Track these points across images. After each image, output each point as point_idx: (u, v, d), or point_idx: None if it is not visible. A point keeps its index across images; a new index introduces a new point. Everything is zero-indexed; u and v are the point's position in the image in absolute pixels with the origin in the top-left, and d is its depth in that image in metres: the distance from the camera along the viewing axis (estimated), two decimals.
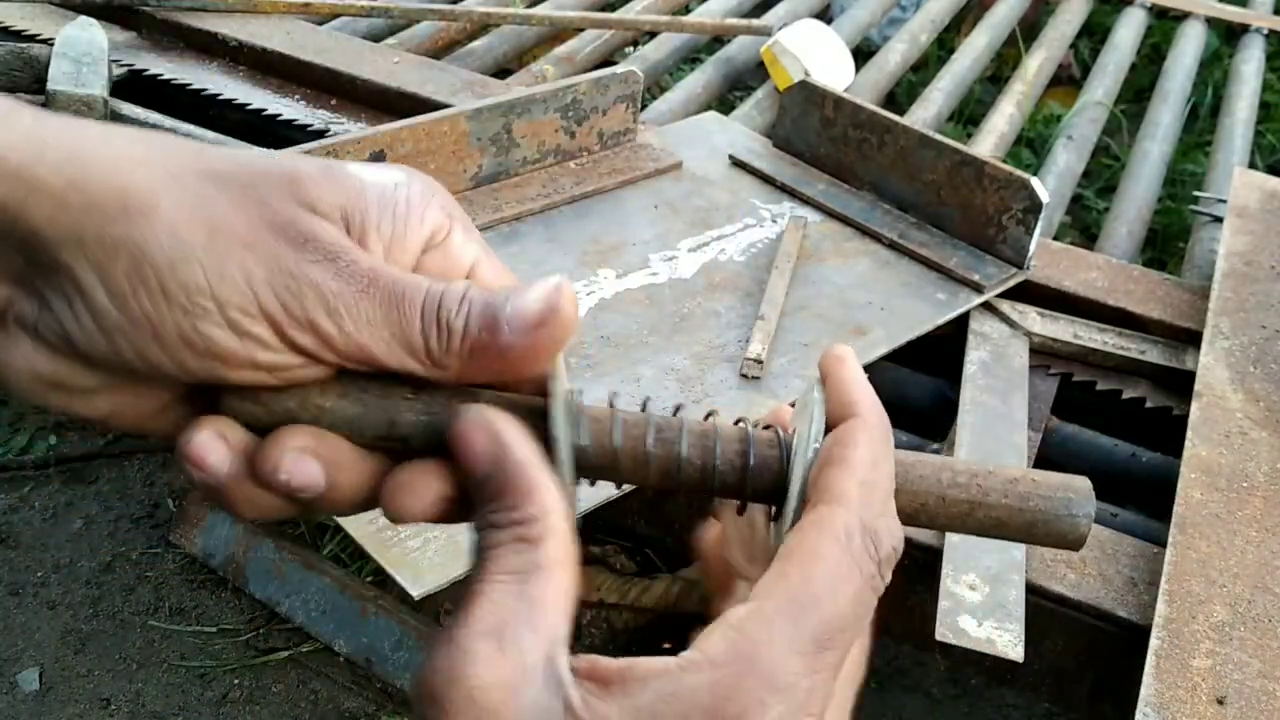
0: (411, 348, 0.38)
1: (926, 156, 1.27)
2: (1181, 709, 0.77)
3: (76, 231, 0.36)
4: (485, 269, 0.43)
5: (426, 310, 0.38)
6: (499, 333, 0.38)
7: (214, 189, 0.37)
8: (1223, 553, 0.88)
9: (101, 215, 0.36)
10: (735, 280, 1.18)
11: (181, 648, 1.62)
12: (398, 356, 0.38)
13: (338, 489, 0.39)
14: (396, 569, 0.83)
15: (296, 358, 0.38)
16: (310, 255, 0.37)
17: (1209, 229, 1.48)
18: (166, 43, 1.56)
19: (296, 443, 0.38)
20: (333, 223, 0.39)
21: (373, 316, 0.38)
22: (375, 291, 0.38)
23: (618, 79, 1.32)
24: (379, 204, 0.40)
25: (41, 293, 0.37)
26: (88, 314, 0.37)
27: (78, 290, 0.36)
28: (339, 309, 0.37)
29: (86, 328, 0.37)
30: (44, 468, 1.86)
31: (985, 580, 0.88)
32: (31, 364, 0.38)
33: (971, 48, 1.97)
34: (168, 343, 0.37)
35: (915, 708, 1.61)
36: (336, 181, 0.39)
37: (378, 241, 0.40)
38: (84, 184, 0.36)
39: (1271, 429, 1.01)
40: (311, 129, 1.39)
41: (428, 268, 0.41)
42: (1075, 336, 1.17)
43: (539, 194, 1.26)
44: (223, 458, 0.38)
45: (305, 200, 0.38)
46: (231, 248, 0.36)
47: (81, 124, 0.38)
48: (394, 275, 0.38)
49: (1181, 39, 2.14)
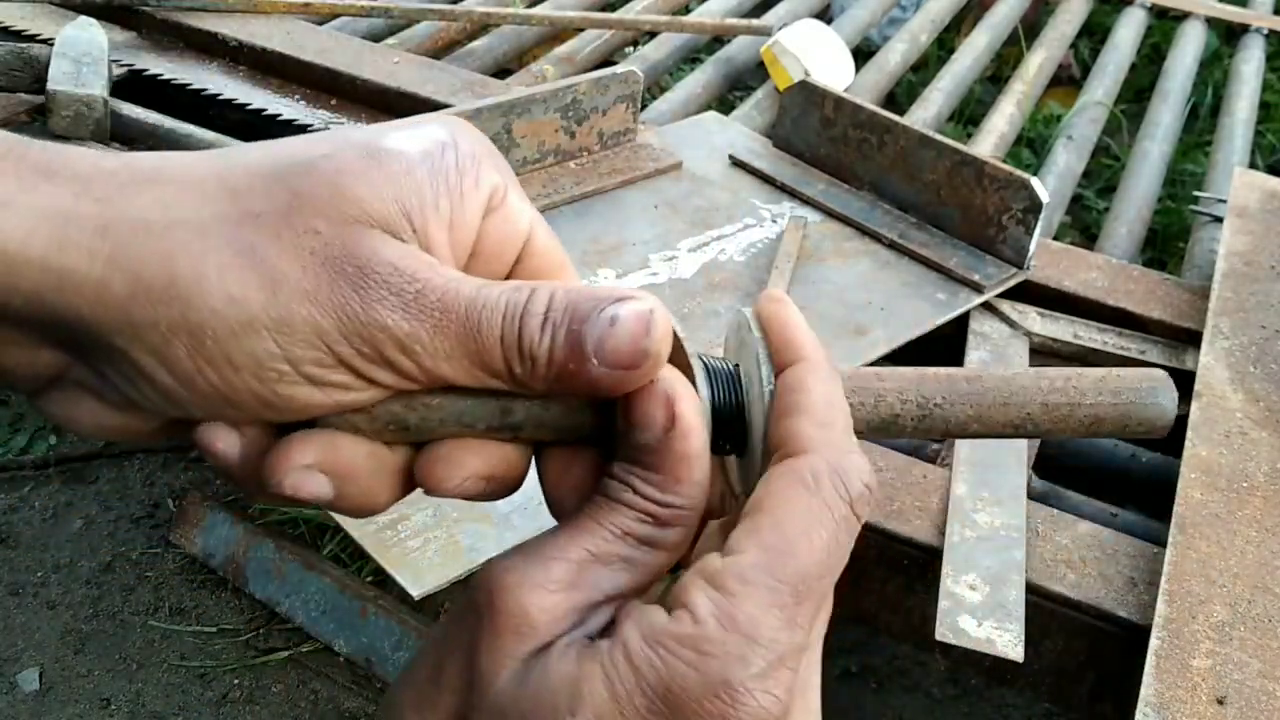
0: (495, 373, 0.37)
1: (926, 156, 1.27)
2: (1181, 709, 0.77)
3: (124, 318, 0.34)
4: (541, 235, 0.41)
5: (507, 338, 0.36)
6: (586, 364, 0.36)
7: (257, 234, 0.35)
8: (1223, 553, 0.88)
9: (149, 297, 0.34)
10: (735, 280, 1.18)
11: (181, 648, 1.62)
12: (482, 380, 0.37)
13: (349, 496, 0.38)
14: (396, 569, 0.83)
15: (380, 391, 0.37)
16: (374, 294, 0.35)
17: (1209, 229, 1.48)
18: (166, 43, 1.56)
19: (304, 459, 0.37)
20: (389, 227, 0.36)
21: (451, 350, 0.36)
22: (449, 324, 0.36)
23: (618, 79, 1.32)
24: (431, 181, 0.38)
25: (100, 367, 0.36)
26: (154, 392, 0.36)
27: (138, 373, 0.35)
28: (414, 348, 0.36)
29: (154, 401, 0.36)
30: (44, 468, 1.86)
31: (985, 580, 0.88)
32: (97, 419, 0.38)
33: (971, 48, 1.97)
34: (245, 407, 0.36)
35: (915, 708, 1.61)
36: (382, 170, 0.37)
37: (439, 226, 0.38)
38: (122, 263, 0.34)
39: (1271, 429, 1.01)
40: (311, 129, 1.39)
41: (490, 235, 0.40)
42: (1075, 336, 1.17)
43: (539, 194, 1.26)
44: (232, 445, 0.37)
45: (354, 211, 0.36)
46: (293, 303, 0.35)
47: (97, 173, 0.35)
48: (467, 298, 0.36)
49: (1181, 39, 2.14)
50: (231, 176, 0.36)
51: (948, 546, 0.90)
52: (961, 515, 0.93)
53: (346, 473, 0.38)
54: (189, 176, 0.36)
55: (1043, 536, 0.92)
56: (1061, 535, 0.93)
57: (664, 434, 0.37)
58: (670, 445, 0.37)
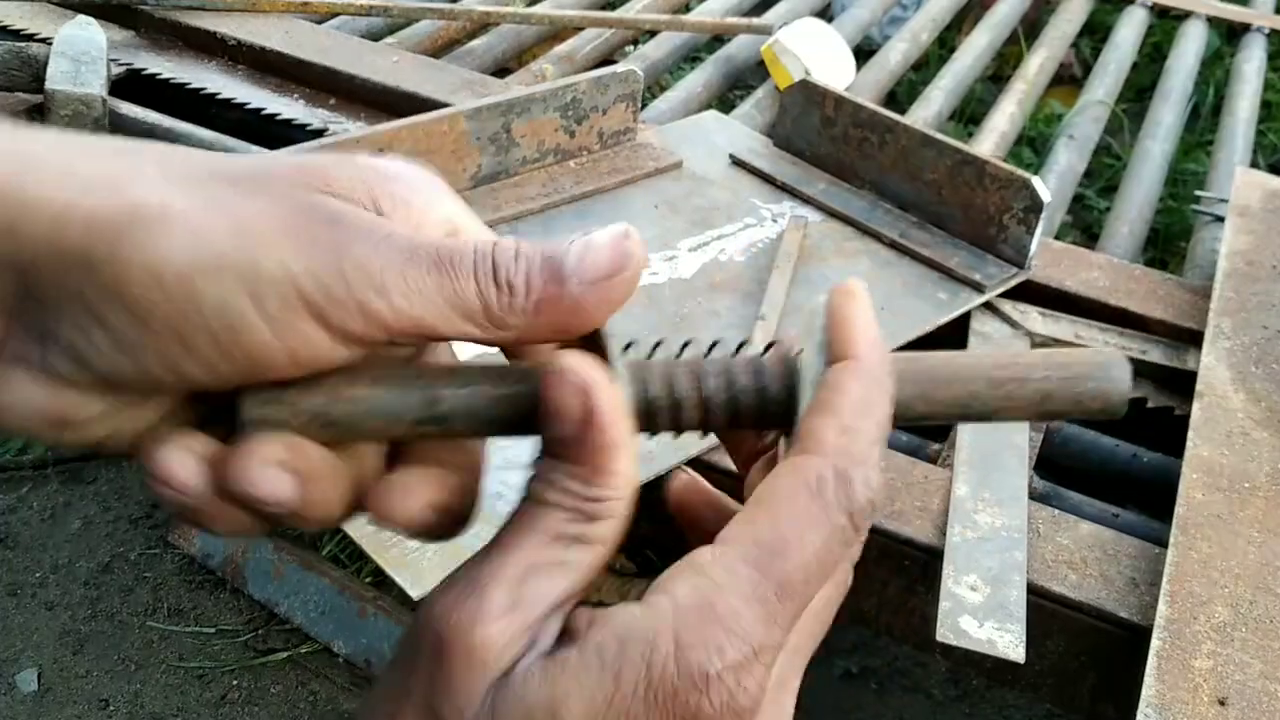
0: (469, 312, 0.36)
1: (927, 156, 1.26)
2: (1183, 710, 0.76)
3: (82, 253, 0.33)
4: None
5: (480, 270, 0.36)
6: (566, 284, 0.36)
7: (227, 188, 0.35)
8: (1224, 553, 0.88)
9: (109, 231, 0.33)
10: (735, 280, 1.18)
11: (180, 648, 1.62)
12: (455, 324, 0.36)
13: (312, 503, 0.37)
14: (396, 570, 0.83)
15: (340, 347, 0.35)
16: (346, 233, 0.35)
17: (1210, 228, 1.48)
18: (165, 42, 1.56)
19: (268, 455, 0.36)
20: (357, 204, 0.37)
21: (424, 286, 0.35)
22: (422, 259, 0.35)
23: (618, 78, 1.32)
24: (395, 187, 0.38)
25: (45, 322, 0.35)
26: (106, 339, 0.34)
27: (92, 316, 0.34)
28: (386, 284, 0.35)
29: (105, 352, 0.34)
30: (42, 468, 1.86)
31: (986, 581, 0.87)
32: (30, 401, 0.35)
33: (972, 47, 1.96)
34: (201, 355, 0.34)
35: (916, 709, 1.61)
36: (351, 165, 0.37)
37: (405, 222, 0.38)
38: (84, 199, 0.33)
39: (1273, 429, 1.01)
40: (310, 128, 1.39)
41: None
42: (1076, 336, 1.17)
43: (539, 193, 1.26)
44: (192, 472, 0.36)
45: (325, 186, 0.36)
46: (262, 241, 0.34)
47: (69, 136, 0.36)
48: (436, 239, 0.36)
49: (1183, 38, 2.13)
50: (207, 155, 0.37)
51: (949, 547, 0.90)
52: (962, 516, 0.93)
53: (309, 472, 0.37)
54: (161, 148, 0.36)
55: (1044, 537, 0.92)
56: (1063, 536, 0.92)
57: (582, 425, 0.36)
58: (589, 436, 0.36)
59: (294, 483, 0.36)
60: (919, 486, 0.96)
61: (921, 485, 0.96)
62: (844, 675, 1.62)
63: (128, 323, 0.34)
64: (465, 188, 1.24)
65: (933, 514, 0.93)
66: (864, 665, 1.63)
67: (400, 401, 0.37)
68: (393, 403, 0.37)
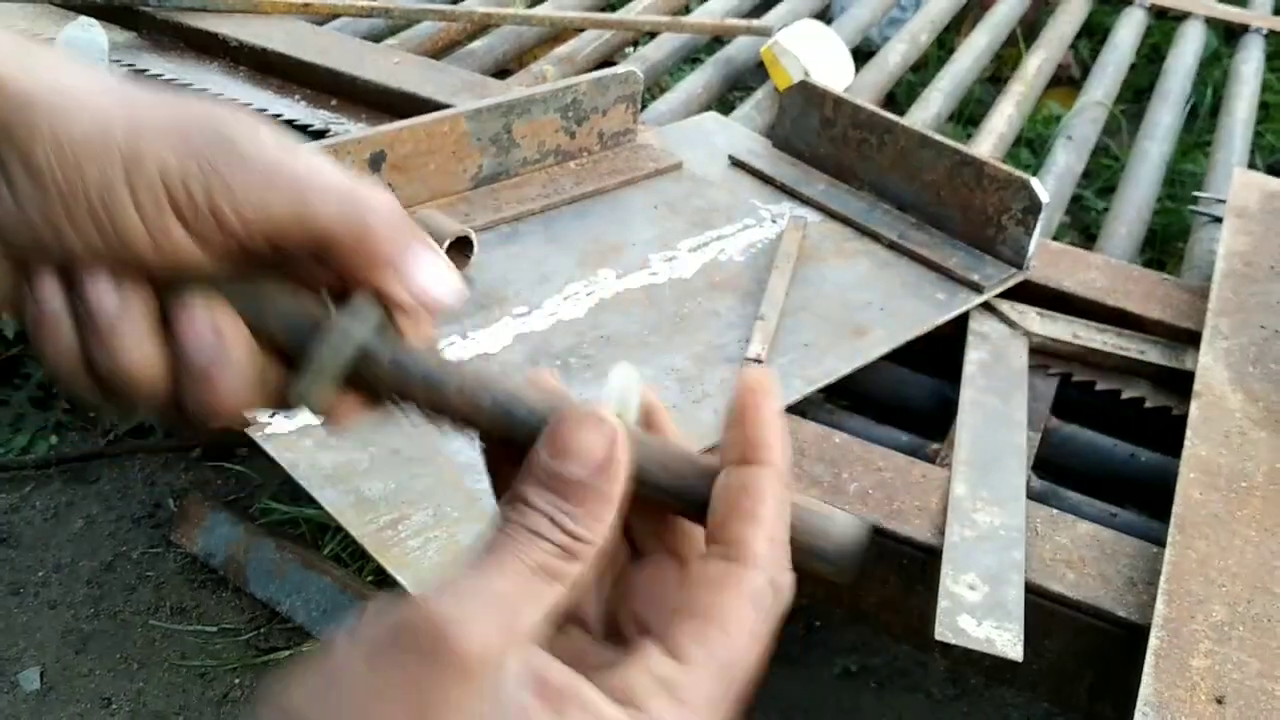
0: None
1: (926, 157, 1.27)
2: (1181, 708, 0.77)
3: (8, 119, 0.38)
4: None
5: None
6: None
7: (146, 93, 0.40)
8: (1222, 552, 0.88)
9: (27, 104, 0.38)
10: (735, 280, 1.18)
11: (182, 647, 1.63)
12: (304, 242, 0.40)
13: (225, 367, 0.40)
14: (397, 569, 0.83)
15: (198, 250, 0.39)
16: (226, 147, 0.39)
17: (1208, 229, 1.48)
18: (167, 43, 1.56)
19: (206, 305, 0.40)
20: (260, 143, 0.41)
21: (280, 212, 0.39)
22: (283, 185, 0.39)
23: (618, 79, 1.32)
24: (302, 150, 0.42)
25: None
26: (9, 193, 0.38)
27: (4, 171, 0.38)
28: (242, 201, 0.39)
29: (5, 203, 0.39)
30: (45, 467, 1.86)
31: (984, 580, 0.88)
32: None
33: (971, 48, 1.97)
34: (80, 225, 0.38)
35: (915, 707, 1.61)
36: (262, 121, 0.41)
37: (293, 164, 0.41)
38: (8, 81, 0.38)
39: (1271, 429, 1.02)
40: (312, 129, 1.39)
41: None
42: (1075, 337, 1.17)
43: (539, 194, 1.26)
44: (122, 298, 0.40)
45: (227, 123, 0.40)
46: (151, 139, 0.38)
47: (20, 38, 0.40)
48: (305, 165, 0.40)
49: (1181, 39, 2.14)
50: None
51: (947, 546, 0.90)
52: (961, 515, 0.93)
53: (231, 337, 0.40)
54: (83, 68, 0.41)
55: (1042, 536, 0.93)
56: (1061, 535, 0.93)
57: (597, 471, 0.37)
58: (598, 484, 0.37)
59: (217, 340, 0.40)
60: (918, 486, 0.97)
61: (920, 485, 0.97)
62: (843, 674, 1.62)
63: (28, 182, 0.38)
64: (466, 188, 1.24)
65: (931, 513, 0.94)
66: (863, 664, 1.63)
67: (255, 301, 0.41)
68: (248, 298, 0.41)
